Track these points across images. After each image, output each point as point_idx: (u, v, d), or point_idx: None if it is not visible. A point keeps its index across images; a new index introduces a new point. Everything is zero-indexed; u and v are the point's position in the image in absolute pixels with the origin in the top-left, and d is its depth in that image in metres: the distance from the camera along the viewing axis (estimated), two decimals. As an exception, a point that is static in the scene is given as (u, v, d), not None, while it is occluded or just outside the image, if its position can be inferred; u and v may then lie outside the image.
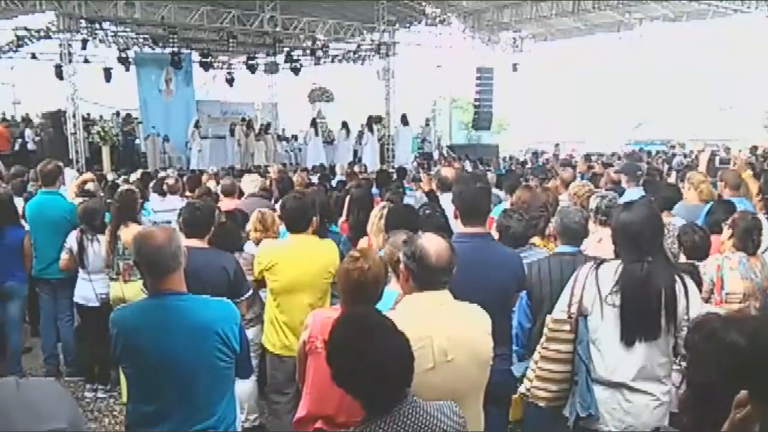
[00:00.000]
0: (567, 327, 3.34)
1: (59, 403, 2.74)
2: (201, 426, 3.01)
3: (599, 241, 4.74)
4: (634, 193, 6.65)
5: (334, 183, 11.89)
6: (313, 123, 23.04)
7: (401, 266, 3.00)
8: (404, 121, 23.57)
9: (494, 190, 6.87)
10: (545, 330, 3.41)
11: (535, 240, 4.98)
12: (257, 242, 5.46)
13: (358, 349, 2.22)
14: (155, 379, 3.00)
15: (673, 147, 24.70)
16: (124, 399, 6.00)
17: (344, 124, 23.53)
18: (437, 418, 2.31)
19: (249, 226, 5.66)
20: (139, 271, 3.22)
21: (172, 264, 3.00)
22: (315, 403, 3.37)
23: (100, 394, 6.33)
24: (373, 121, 23.20)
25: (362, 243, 5.39)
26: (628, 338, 3.20)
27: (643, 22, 22.30)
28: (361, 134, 23.94)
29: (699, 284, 4.07)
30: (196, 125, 21.66)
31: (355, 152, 23.67)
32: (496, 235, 4.50)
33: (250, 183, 8.21)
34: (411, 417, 2.25)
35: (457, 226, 3.86)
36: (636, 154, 18.40)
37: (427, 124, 27.04)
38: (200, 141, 21.22)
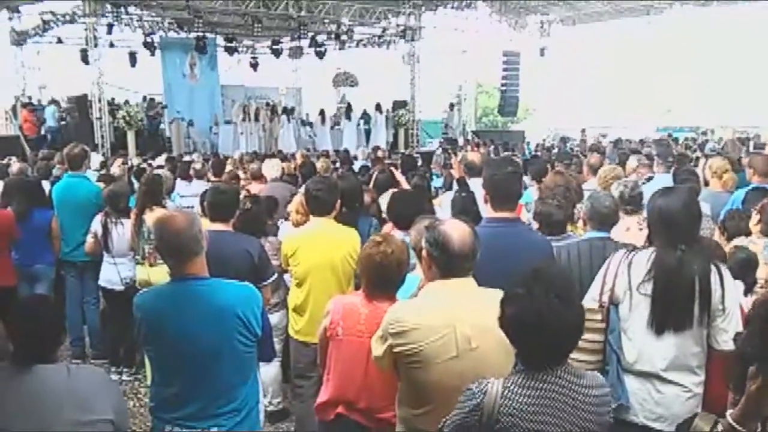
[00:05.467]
0: (598, 316, 3.26)
1: (106, 393, 2.80)
2: (224, 409, 3.02)
3: (627, 230, 4.66)
4: (663, 179, 6.55)
5: (356, 167, 11.83)
6: (322, 112, 23.32)
7: (423, 253, 2.94)
8: (378, 109, 23.61)
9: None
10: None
11: (565, 226, 4.92)
12: (296, 224, 5.45)
13: (544, 315, 2.18)
14: (178, 362, 3.00)
15: (704, 133, 24.37)
16: (149, 382, 6.07)
17: (348, 107, 23.73)
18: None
19: (291, 207, 5.65)
20: (160, 256, 3.21)
21: (194, 248, 2.99)
22: (336, 389, 3.40)
23: (125, 377, 6.39)
24: (397, 105, 23.08)
25: (387, 228, 5.36)
26: (658, 327, 3.13)
27: (673, 6, 21.94)
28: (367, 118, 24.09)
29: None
30: (245, 109, 21.75)
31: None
32: (534, 225, 4.43)
33: (271, 168, 8.19)
34: (561, 382, 2.24)
35: (486, 210, 3.79)
36: (665, 140, 18.13)
37: (451, 109, 26.90)
38: (248, 124, 21.35)
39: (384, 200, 5.48)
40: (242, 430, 3.07)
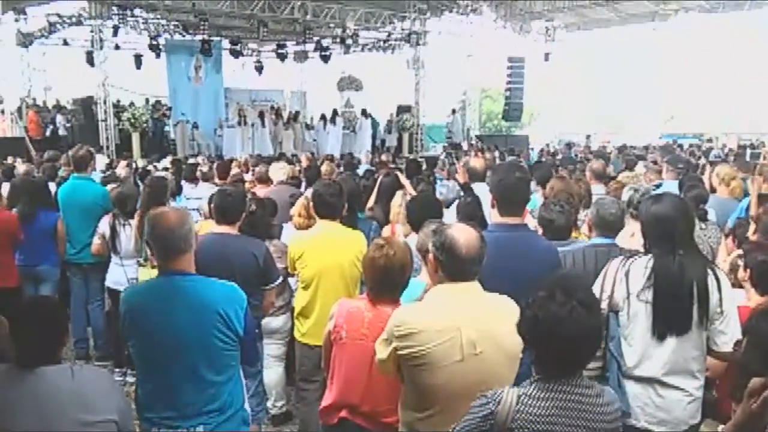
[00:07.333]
0: None
1: (110, 393, 2.82)
2: (206, 408, 3.05)
3: (632, 235, 4.65)
4: (671, 186, 6.55)
5: (360, 172, 11.84)
6: (322, 117, 23.52)
7: (430, 256, 2.95)
8: (365, 114, 23.80)
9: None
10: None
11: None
12: (299, 227, 5.47)
13: (564, 319, 2.17)
14: (157, 355, 3.04)
15: (709, 140, 24.36)
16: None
17: (334, 112, 23.87)
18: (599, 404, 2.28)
19: (294, 211, 5.67)
20: (150, 251, 3.22)
21: (183, 246, 3.04)
22: (340, 392, 3.40)
23: (129, 378, 6.37)
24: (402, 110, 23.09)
25: (385, 231, 5.38)
26: (660, 333, 3.15)
27: (678, 13, 21.92)
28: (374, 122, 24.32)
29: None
30: (240, 113, 22.00)
31: (383, 141, 24.11)
32: (539, 230, 4.42)
33: (278, 171, 8.19)
34: (576, 392, 2.23)
35: (493, 215, 3.80)
36: (669, 146, 18.14)
37: (454, 114, 26.94)
38: (243, 128, 21.50)
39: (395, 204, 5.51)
40: (227, 431, 3.10)
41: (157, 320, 3.01)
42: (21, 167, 9.69)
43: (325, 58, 24.31)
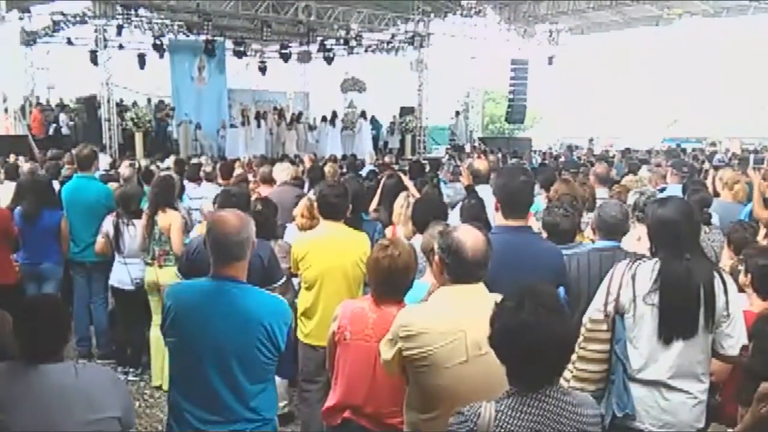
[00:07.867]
0: (604, 326, 3.28)
1: (114, 391, 2.83)
2: (241, 416, 3.03)
3: (638, 239, 4.65)
4: (675, 189, 6.57)
5: (364, 173, 11.85)
6: (324, 119, 23.63)
7: (436, 258, 2.96)
8: (364, 116, 23.87)
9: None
10: (582, 330, 3.33)
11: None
12: (302, 228, 5.47)
13: (534, 327, 2.15)
14: (194, 358, 3.01)
15: (713, 145, 24.34)
16: (155, 383, 6.09)
17: (333, 114, 23.89)
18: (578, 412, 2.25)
19: (296, 211, 5.69)
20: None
21: (236, 253, 3.02)
22: (343, 393, 3.40)
23: (131, 378, 6.37)
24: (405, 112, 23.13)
25: (387, 232, 5.38)
26: (666, 336, 3.14)
27: (682, 17, 21.90)
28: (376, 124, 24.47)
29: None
30: (243, 113, 21.98)
31: (386, 143, 24.17)
32: (543, 233, 4.42)
33: (281, 171, 8.20)
34: (553, 403, 2.20)
35: (497, 218, 3.80)
36: (675, 151, 18.11)
37: (457, 116, 26.92)
38: (247, 128, 21.52)
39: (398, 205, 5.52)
40: None
41: (199, 322, 3.00)
42: (25, 166, 9.70)
43: (329, 60, 24.37)
